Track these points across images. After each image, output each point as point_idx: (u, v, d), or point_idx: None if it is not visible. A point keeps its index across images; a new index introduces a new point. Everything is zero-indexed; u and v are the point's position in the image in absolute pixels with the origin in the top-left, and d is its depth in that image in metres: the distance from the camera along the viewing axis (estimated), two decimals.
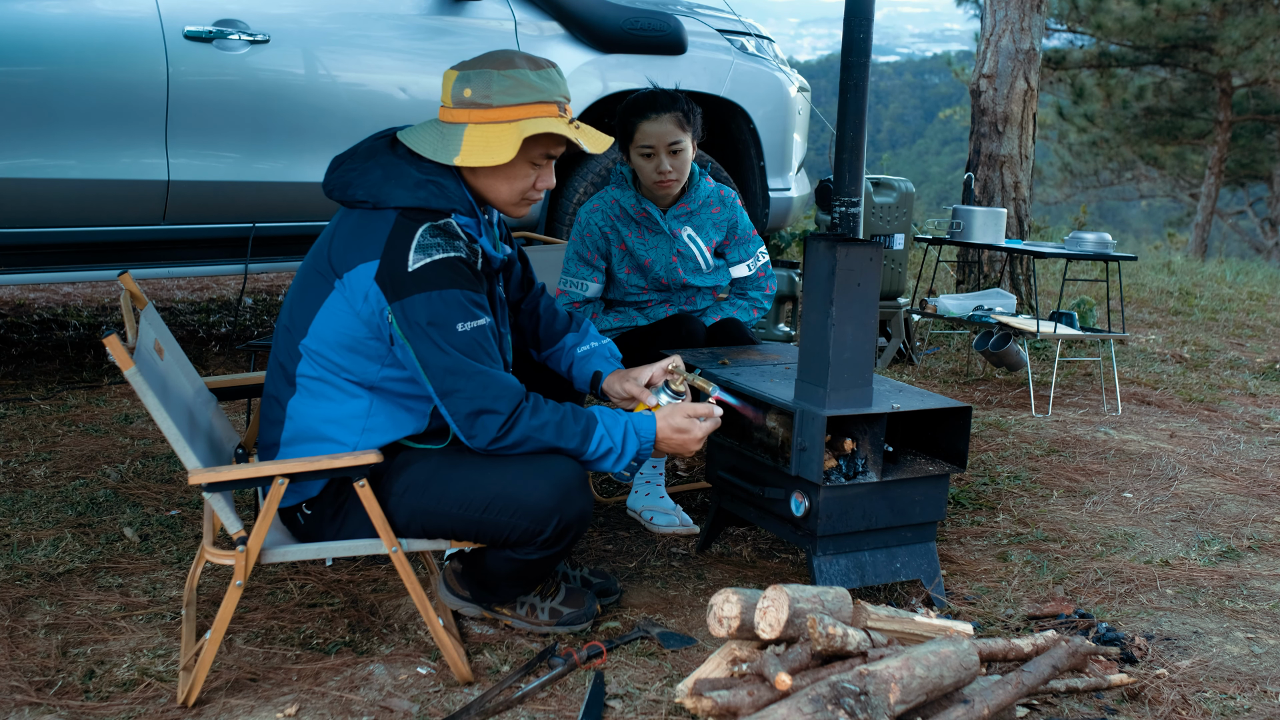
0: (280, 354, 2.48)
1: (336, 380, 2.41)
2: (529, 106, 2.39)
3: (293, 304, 2.47)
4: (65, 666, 2.41)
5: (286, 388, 2.46)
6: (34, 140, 3.99)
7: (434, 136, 2.42)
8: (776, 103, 5.46)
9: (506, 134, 2.37)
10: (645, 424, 2.49)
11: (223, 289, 6.75)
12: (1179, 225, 24.38)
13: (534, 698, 2.35)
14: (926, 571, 2.87)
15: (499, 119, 2.38)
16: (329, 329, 2.38)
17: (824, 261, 2.65)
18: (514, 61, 2.40)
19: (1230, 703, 2.45)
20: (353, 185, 2.40)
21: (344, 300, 2.36)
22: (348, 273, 2.34)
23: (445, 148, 2.39)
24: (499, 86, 2.37)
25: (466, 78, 2.39)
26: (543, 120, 2.39)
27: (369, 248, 2.33)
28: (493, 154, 2.37)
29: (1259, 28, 18.31)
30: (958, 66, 23.06)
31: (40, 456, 3.68)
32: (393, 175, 2.37)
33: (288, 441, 2.45)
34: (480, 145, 2.37)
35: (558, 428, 2.39)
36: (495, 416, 2.33)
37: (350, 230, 2.38)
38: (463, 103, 2.39)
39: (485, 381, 2.33)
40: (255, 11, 4.33)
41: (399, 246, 2.31)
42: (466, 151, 2.37)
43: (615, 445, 2.43)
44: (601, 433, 2.43)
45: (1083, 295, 6.77)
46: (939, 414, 2.89)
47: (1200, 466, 4.17)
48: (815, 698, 1.94)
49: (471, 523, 2.39)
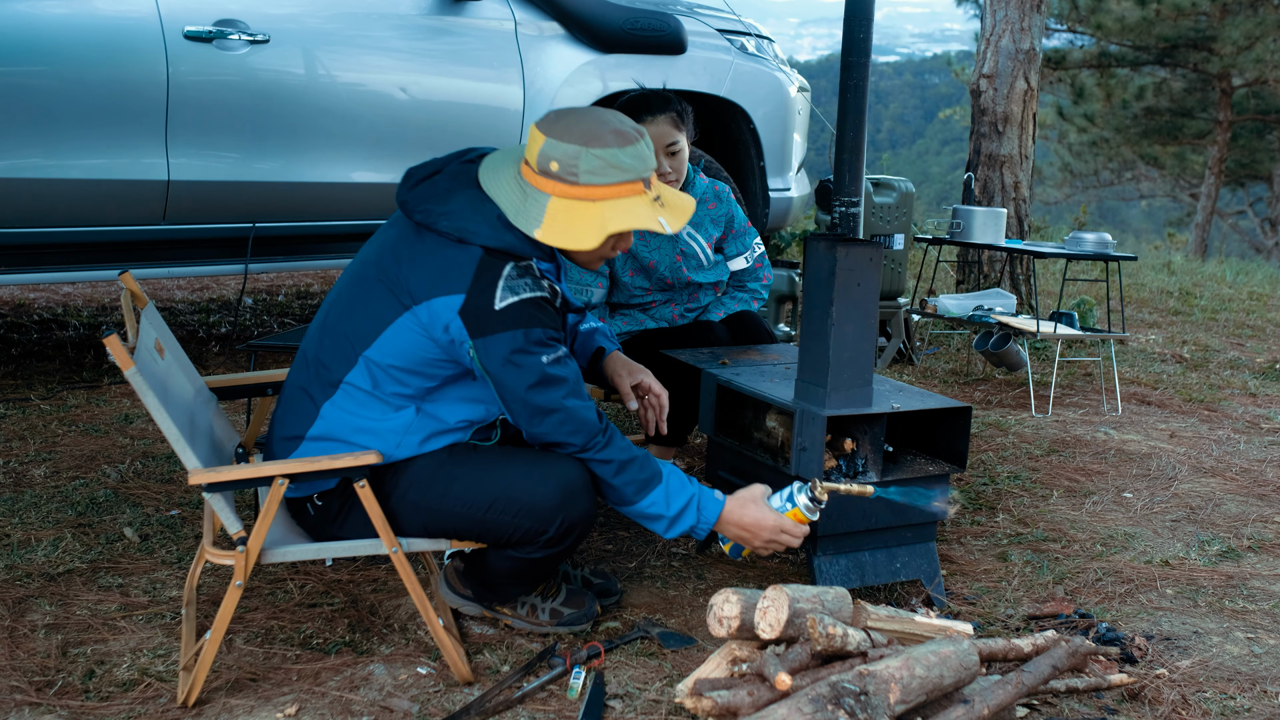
0: (323, 353, 2.44)
1: (385, 395, 2.39)
2: (615, 187, 2.34)
3: (349, 309, 2.42)
4: (65, 666, 2.41)
5: (326, 388, 2.41)
6: (34, 140, 3.99)
7: (516, 194, 2.35)
8: (776, 103, 5.46)
9: (589, 218, 2.32)
10: (711, 505, 2.48)
11: (223, 289, 6.75)
12: (1179, 225, 24.38)
13: (534, 698, 2.35)
14: (926, 571, 2.87)
15: (583, 197, 2.32)
16: (396, 347, 2.35)
17: (824, 261, 2.65)
18: (604, 138, 2.32)
19: (1230, 703, 2.45)
20: (434, 214, 2.34)
21: (418, 326, 2.33)
22: (427, 302, 2.31)
23: (527, 214, 2.33)
24: (586, 166, 2.31)
25: (553, 147, 2.31)
26: (628, 212, 2.34)
27: (453, 281, 2.29)
28: (574, 238, 2.33)
29: (1259, 28, 18.31)
30: (958, 66, 23.06)
31: (40, 456, 3.68)
32: (480, 211, 2.33)
33: (314, 437, 2.42)
34: (562, 225, 2.32)
35: (620, 468, 2.40)
36: (569, 446, 2.39)
37: (429, 258, 2.33)
38: (548, 174, 2.33)
39: (564, 417, 2.35)
40: (255, 11, 4.32)
41: (485, 284, 2.28)
42: (548, 228, 2.32)
43: (666, 514, 2.44)
44: (659, 496, 2.43)
45: (1083, 295, 6.77)
46: (939, 414, 2.89)
47: (1200, 466, 4.17)
48: (815, 698, 1.94)
49: (475, 521, 2.39)
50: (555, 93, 4.84)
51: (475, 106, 4.75)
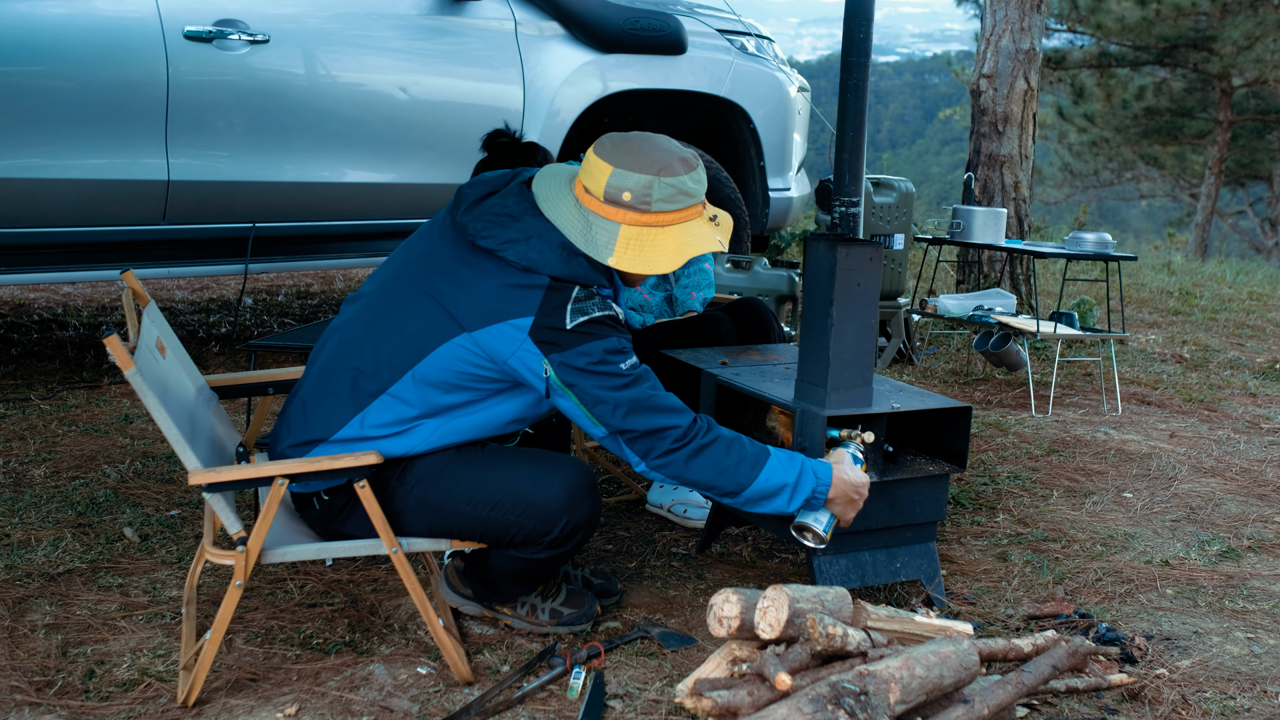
0: (363, 362, 2.40)
1: (426, 408, 2.38)
2: (684, 212, 2.39)
3: (395, 322, 2.40)
4: (65, 666, 2.41)
5: (363, 397, 2.38)
6: (34, 140, 3.99)
7: (580, 223, 2.37)
8: (776, 103, 5.46)
9: (662, 243, 2.37)
10: (822, 466, 2.49)
11: (223, 289, 6.75)
12: (1179, 225, 24.38)
13: (534, 698, 2.35)
14: (926, 571, 2.87)
15: (654, 224, 2.37)
16: (447, 366, 2.34)
17: (824, 261, 2.65)
18: (673, 167, 2.36)
19: (1230, 703, 2.45)
20: (499, 241, 2.34)
21: (477, 349, 2.32)
22: (491, 328, 2.31)
23: (595, 243, 2.35)
24: (659, 194, 2.35)
25: (624, 178, 2.34)
26: (696, 235, 2.39)
27: (519, 306, 2.30)
28: (651, 264, 2.37)
29: (1259, 28, 18.30)
30: (958, 66, 23.06)
31: (40, 456, 3.68)
32: (547, 242, 2.35)
33: (340, 440, 2.39)
34: (635, 252, 2.36)
35: (729, 445, 2.39)
36: (673, 430, 2.36)
37: (492, 284, 2.33)
38: (618, 203, 2.35)
39: (660, 406, 2.36)
40: (255, 11, 4.32)
41: (554, 307, 2.30)
42: (621, 254, 2.35)
43: (789, 480, 2.43)
44: (776, 466, 2.42)
45: (1083, 295, 6.77)
46: (939, 414, 2.89)
47: (1200, 466, 4.17)
48: (815, 698, 1.94)
49: (479, 520, 2.39)
50: (555, 93, 4.85)
51: (475, 106, 4.75)
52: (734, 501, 2.45)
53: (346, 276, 7.23)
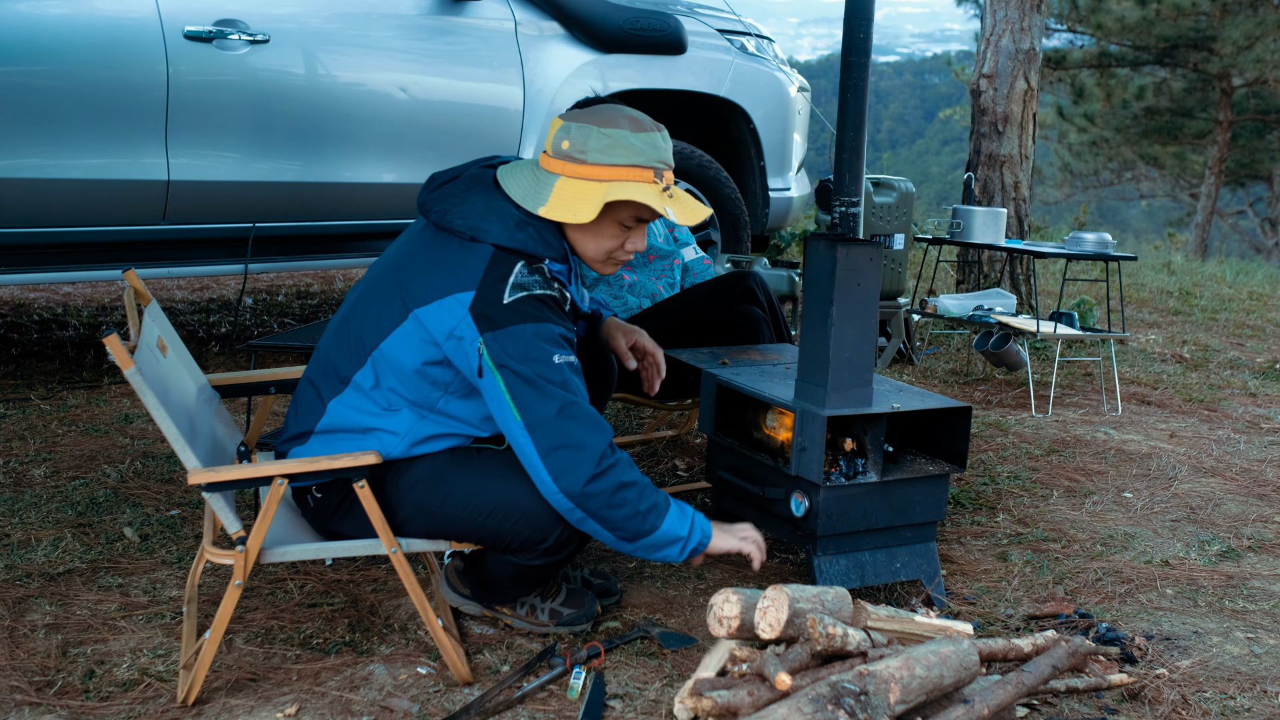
0: (334, 351, 2.44)
1: (391, 394, 2.38)
2: (623, 169, 2.34)
3: (364, 309, 2.42)
4: (65, 666, 2.41)
5: (335, 384, 2.42)
6: (34, 140, 3.99)
7: (529, 180, 2.38)
8: (776, 103, 5.46)
9: (593, 193, 2.33)
10: (706, 523, 2.42)
11: (223, 289, 6.75)
12: (1179, 225, 24.38)
13: (534, 698, 2.35)
14: (926, 571, 2.87)
15: (590, 176, 2.34)
16: (403, 349, 2.34)
17: (824, 261, 2.65)
18: (616, 120, 2.35)
19: (1230, 703, 2.45)
20: (450, 213, 2.35)
21: (420, 329, 2.31)
22: (428, 305, 2.29)
23: (535, 195, 2.35)
24: (596, 144, 2.33)
25: (567, 129, 2.36)
26: (631, 186, 2.34)
27: (462, 279, 2.28)
28: (575, 212, 2.32)
29: (1259, 28, 18.31)
30: (958, 66, 23.06)
31: (40, 456, 3.68)
32: (495, 211, 2.34)
33: (321, 431, 2.42)
34: (566, 200, 2.33)
35: (641, 491, 2.31)
36: (585, 455, 2.25)
37: (439, 259, 2.33)
38: (560, 154, 2.36)
39: (575, 412, 2.27)
40: (255, 11, 4.32)
41: (495, 281, 2.27)
42: (553, 204, 2.33)
43: (683, 534, 2.37)
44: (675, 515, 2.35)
45: (1083, 295, 6.77)
46: (939, 414, 2.89)
47: (1200, 466, 4.17)
48: (815, 698, 1.94)
49: (474, 526, 2.39)
50: (555, 93, 4.85)
51: (475, 106, 4.75)
52: (630, 547, 2.36)
53: (346, 276, 7.23)
